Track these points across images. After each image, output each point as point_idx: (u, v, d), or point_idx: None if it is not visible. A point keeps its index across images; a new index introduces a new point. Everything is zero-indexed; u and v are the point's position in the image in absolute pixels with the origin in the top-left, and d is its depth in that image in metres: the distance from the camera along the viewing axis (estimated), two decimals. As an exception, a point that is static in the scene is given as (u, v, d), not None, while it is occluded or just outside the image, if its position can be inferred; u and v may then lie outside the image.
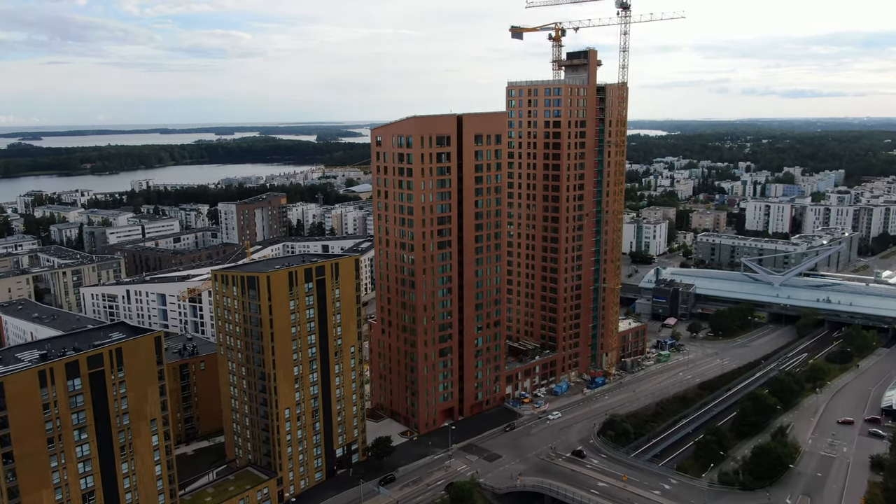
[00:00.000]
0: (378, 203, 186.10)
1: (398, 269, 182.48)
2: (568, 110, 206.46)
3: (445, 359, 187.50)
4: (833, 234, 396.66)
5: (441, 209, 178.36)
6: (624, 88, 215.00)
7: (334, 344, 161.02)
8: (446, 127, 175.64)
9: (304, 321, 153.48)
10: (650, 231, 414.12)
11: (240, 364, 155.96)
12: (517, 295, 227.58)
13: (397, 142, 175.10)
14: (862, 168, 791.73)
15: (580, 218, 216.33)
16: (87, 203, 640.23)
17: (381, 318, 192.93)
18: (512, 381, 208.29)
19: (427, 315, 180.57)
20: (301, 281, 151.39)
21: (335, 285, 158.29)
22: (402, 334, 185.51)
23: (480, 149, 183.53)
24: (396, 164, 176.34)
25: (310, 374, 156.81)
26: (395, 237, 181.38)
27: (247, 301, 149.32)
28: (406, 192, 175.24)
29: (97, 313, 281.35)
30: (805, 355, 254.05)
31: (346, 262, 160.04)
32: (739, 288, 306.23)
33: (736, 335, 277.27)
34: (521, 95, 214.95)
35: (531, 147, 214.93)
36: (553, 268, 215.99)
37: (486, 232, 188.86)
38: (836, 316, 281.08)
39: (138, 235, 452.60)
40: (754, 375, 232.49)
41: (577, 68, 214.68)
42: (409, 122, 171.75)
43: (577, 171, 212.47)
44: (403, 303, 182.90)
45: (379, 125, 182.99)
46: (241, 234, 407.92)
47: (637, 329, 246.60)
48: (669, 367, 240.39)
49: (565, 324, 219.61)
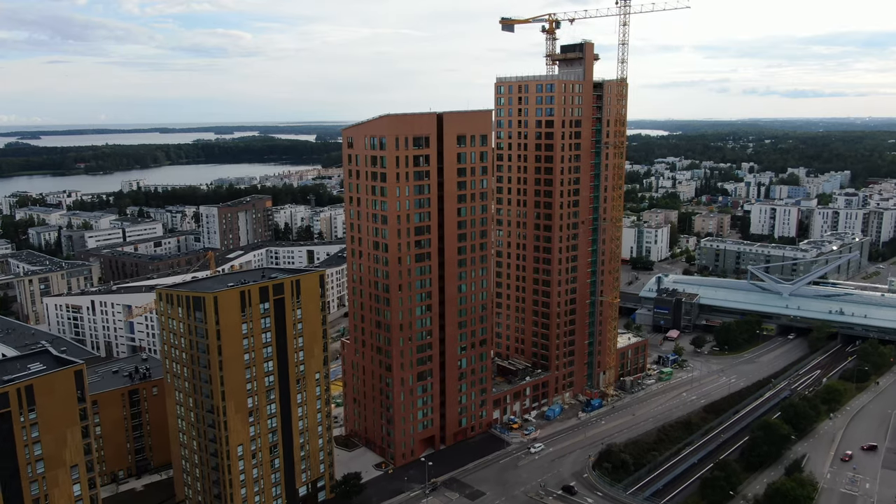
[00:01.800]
0: (350, 211, 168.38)
1: (372, 284, 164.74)
2: (562, 108, 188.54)
3: (425, 382, 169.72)
4: (843, 239, 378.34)
5: (419, 217, 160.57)
6: (623, 85, 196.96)
7: (296, 371, 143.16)
8: (424, 127, 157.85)
9: (260, 346, 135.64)
10: (651, 236, 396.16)
11: (187, 394, 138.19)
12: (507, 309, 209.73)
13: (370, 143, 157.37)
14: (868, 169, 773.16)
15: (575, 226, 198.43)
16: (71, 204, 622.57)
17: (355, 337, 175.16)
18: (500, 404, 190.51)
19: (404, 335, 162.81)
20: (256, 301, 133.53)
21: (296, 304, 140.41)
22: (377, 356, 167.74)
23: (463, 150, 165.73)
24: (369, 167, 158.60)
25: (267, 405, 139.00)
26: (369, 249, 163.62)
27: (193, 324, 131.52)
28: (379, 199, 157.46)
29: (61, 326, 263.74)
30: (818, 372, 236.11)
31: (308, 278, 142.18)
32: (746, 298, 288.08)
33: (743, 349, 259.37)
34: (511, 92, 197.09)
35: (522, 148, 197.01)
36: (546, 280, 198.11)
37: (469, 242, 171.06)
38: (849, 329, 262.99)
39: (119, 239, 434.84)
40: (764, 396, 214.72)
41: (571, 63, 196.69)
42: (381, 121, 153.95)
43: (572, 174, 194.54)
44: (378, 321, 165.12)
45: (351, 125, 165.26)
46: (224, 238, 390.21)
47: (637, 345, 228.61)
48: (672, 386, 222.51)
49: (559, 341, 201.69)
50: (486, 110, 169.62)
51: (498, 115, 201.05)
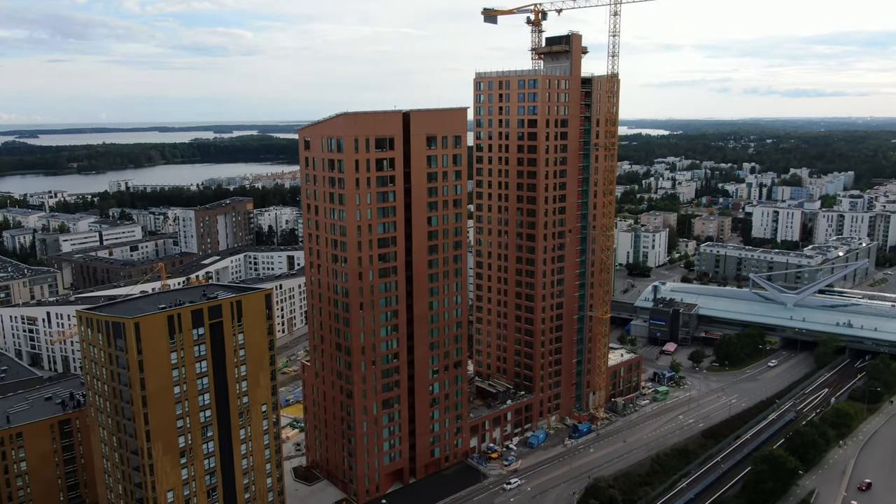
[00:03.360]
0: (308, 220, 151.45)
1: (331, 301, 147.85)
2: (546, 106, 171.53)
3: (391, 410, 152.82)
4: (849, 244, 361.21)
5: (383, 228, 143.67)
6: (614, 81, 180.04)
7: (238, 403, 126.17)
8: (388, 127, 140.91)
9: (194, 377, 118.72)
10: (649, 240, 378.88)
11: (111, 432, 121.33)
12: (487, 325, 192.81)
13: (326, 145, 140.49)
14: (872, 170, 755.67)
15: (562, 234, 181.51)
16: (54, 206, 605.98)
17: (314, 359, 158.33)
18: (478, 431, 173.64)
19: (366, 358, 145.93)
20: (187, 325, 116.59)
21: (237, 329, 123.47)
22: (338, 381, 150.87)
23: (434, 153, 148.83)
24: (326, 172, 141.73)
25: (203, 443, 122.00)
26: (327, 262, 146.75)
27: (113, 353, 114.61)
28: (337, 208, 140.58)
29: (16, 339, 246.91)
30: (825, 392, 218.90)
31: (252, 299, 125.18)
32: (748, 308, 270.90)
33: (744, 364, 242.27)
34: (491, 89, 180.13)
35: (503, 150, 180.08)
36: (529, 294, 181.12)
37: (442, 255, 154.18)
38: (858, 343, 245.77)
39: (95, 243, 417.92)
40: (767, 418, 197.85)
41: (557, 56, 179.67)
42: (338, 120, 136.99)
43: (558, 178, 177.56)
44: (338, 343, 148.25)
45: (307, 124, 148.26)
46: (201, 242, 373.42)
47: (630, 362, 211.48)
48: (668, 407, 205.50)
49: (544, 360, 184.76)
50: (459, 108, 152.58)
51: (477, 114, 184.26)
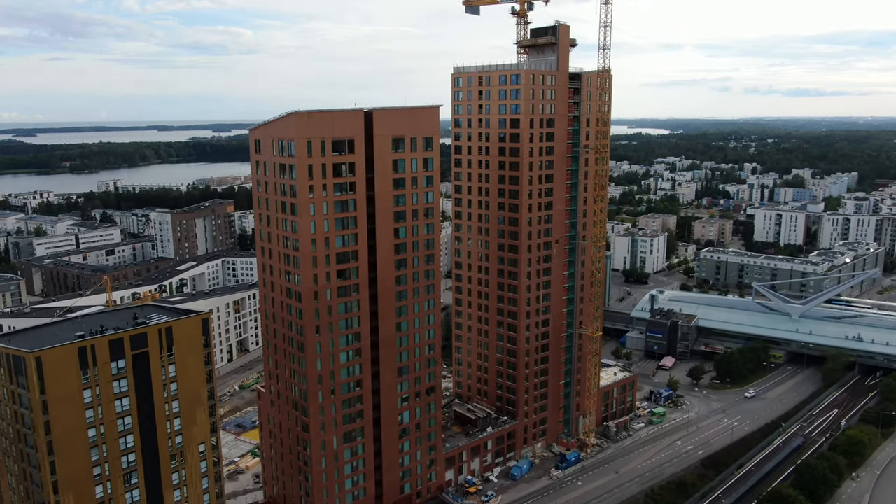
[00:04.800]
0: (260, 232, 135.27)
1: (285, 323, 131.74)
2: (529, 104, 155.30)
3: (354, 444, 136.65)
4: (856, 250, 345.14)
5: (342, 241, 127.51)
6: (606, 76, 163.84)
7: (169, 445, 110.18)
8: (347, 127, 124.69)
9: (113, 417, 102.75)
10: (646, 245, 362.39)
11: (18, 480, 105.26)
12: (467, 344, 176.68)
13: (277, 148, 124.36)
14: (875, 170, 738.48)
15: (548, 245, 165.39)
16: (37, 206, 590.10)
17: (269, 386, 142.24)
18: (454, 463, 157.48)
19: (324, 388, 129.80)
20: (104, 358, 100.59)
21: (167, 359, 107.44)
22: (293, 412, 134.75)
23: (401, 157, 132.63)
24: (277, 178, 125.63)
25: (126, 492, 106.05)
26: (280, 280, 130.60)
27: (16, 391, 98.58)
28: (289, 219, 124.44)
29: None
30: (835, 413, 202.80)
31: (185, 325, 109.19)
32: (750, 320, 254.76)
33: (747, 381, 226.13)
34: (470, 85, 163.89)
35: (483, 153, 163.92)
36: (512, 311, 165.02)
37: (411, 270, 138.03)
38: (869, 358, 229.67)
39: (71, 246, 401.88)
40: (773, 444, 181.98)
41: (542, 49, 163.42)
42: (289, 119, 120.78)
43: (543, 184, 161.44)
44: (292, 370, 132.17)
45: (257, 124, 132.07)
46: (179, 247, 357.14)
47: (624, 382, 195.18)
48: (665, 431, 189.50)
49: (528, 383, 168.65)
50: (430, 106, 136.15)
51: (456, 113, 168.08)
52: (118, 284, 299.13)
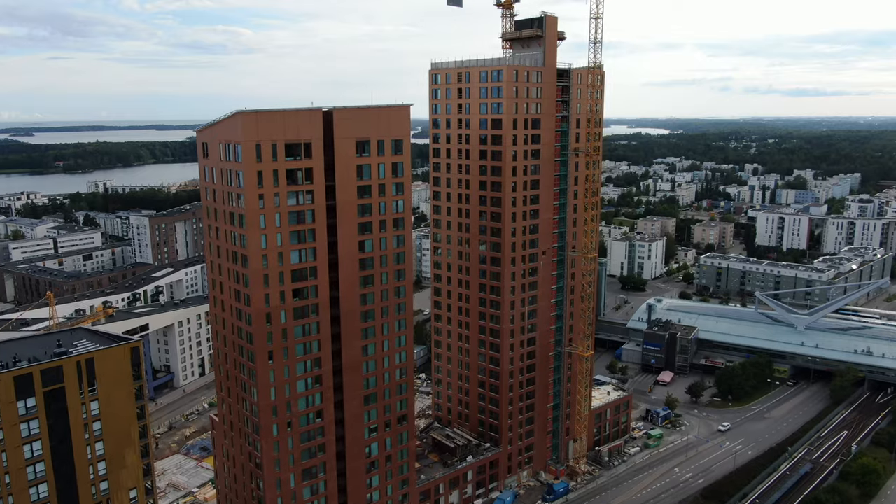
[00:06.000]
0: (209, 245, 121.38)
1: (236, 348, 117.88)
2: (512, 103, 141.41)
3: (315, 482, 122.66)
4: (862, 256, 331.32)
5: (298, 257, 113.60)
6: (597, 73, 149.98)
7: (92, 492, 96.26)
8: (303, 129, 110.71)
9: (21, 464, 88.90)
10: (644, 250, 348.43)
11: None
12: (447, 363, 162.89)
13: (224, 152, 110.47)
14: (879, 171, 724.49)
15: (533, 258, 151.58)
16: (21, 208, 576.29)
17: (222, 416, 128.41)
18: (430, 497, 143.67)
19: (279, 420, 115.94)
20: (9, 397, 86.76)
21: (88, 396, 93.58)
22: (246, 446, 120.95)
23: (367, 161, 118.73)
24: (224, 186, 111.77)
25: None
26: (230, 299, 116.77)
27: None
28: (238, 232, 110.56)
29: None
30: (844, 435, 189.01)
31: (110, 356, 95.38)
32: (753, 332, 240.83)
33: (750, 399, 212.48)
34: (449, 82, 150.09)
35: (463, 156, 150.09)
36: (494, 329, 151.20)
37: (379, 287, 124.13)
38: (880, 374, 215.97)
39: (49, 251, 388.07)
40: (779, 471, 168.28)
41: (528, 43, 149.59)
42: (234, 120, 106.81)
43: (529, 191, 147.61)
44: (245, 400, 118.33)
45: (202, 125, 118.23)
46: (157, 252, 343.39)
47: (618, 402, 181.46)
48: (661, 456, 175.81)
49: (513, 407, 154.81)
50: (399, 105, 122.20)
51: (434, 113, 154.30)
52: (89, 292, 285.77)
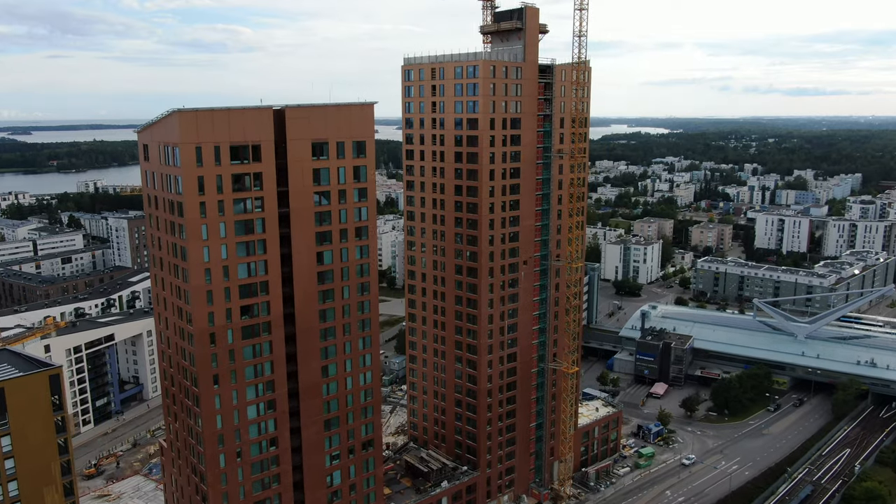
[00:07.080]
0: (153, 257, 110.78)
1: (181, 370, 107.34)
2: (489, 101, 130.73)
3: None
4: (865, 260, 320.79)
5: (247, 271, 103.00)
6: (583, 69, 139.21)
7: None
8: (250, 129, 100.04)
9: (-84, 510, 78.46)
10: (640, 253, 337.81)
11: None
12: (423, 380, 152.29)
13: (163, 155, 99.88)
14: (880, 172, 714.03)
15: (514, 268, 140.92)
16: (6, 209, 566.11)
17: (170, 442, 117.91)
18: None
19: (226, 450, 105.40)
20: None
21: (1, 430, 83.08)
22: (193, 477, 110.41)
23: (325, 165, 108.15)
24: (164, 192, 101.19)
25: None
26: (174, 317, 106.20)
27: None
28: (179, 244, 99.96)
29: None
30: (847, 453, 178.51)
31: (24, 385, 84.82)
32: (752, 341, 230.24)
33: (748, 413, 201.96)
34: (423, 78, 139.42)
35: (437, 158, 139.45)
36: (471, 344, 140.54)
37: (340, 302, 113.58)
38: (884, 387, 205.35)
39: (29, 253, 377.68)
40: (777, 494, 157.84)
41: (507, 37, 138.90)
42: (171, 119, 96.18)
43: (508, 195, 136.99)
44: (190, 427, 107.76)
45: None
46: (137, 255, 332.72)
47: (608, 419, 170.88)
48: (653, 477, 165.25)
49: (491, 427, 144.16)
50: (361, 104, 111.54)
51: (407, 111, 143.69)
52: (62, 298, 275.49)
